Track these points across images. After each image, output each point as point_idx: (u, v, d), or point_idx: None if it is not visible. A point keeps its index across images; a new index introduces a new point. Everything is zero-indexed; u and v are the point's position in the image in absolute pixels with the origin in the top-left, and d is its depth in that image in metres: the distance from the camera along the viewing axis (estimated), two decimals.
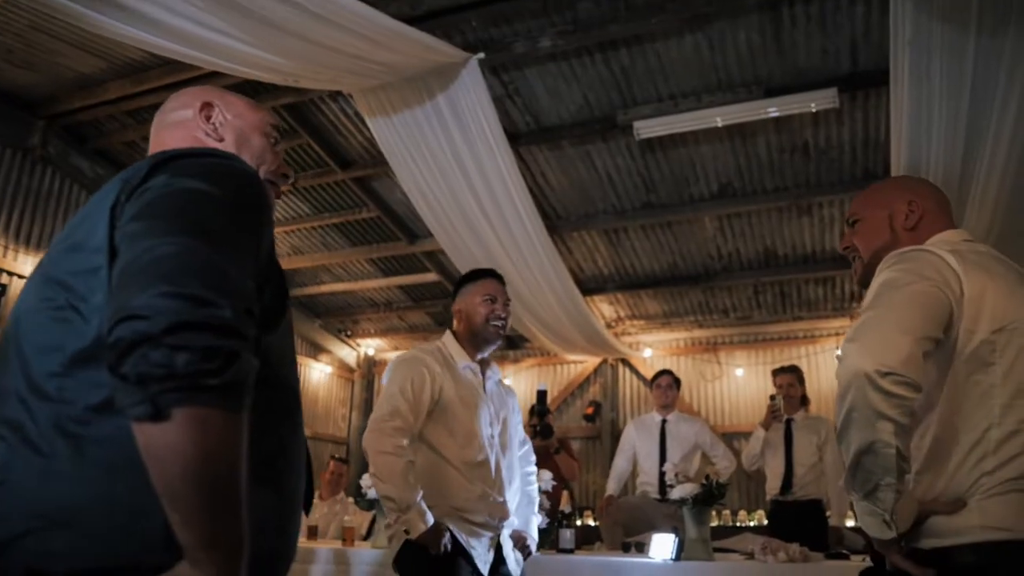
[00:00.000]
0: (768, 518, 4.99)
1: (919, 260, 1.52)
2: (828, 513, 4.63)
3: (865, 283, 1.70)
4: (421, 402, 2.47)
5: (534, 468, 2.89)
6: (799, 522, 4.41)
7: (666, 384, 5.00)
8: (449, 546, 2.36)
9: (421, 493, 2.35)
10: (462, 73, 4.39)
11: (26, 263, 5.57)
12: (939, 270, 1.48)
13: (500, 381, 2.77)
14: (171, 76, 4.95)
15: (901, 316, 1.42)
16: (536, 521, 2.81)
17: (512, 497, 2.62)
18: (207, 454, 0.78)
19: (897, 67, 3.97)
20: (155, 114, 1.40)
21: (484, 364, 2.69)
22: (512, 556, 2.58)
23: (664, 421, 4.94)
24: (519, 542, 2.65)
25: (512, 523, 2.63)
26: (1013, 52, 3.68)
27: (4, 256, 5.40)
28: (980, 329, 1.44)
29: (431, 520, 2.34)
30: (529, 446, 2.89)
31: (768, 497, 4.86)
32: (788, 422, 4.76)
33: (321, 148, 5.80)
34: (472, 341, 2.64)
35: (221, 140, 1.32)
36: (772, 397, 4.83)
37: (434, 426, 2.50)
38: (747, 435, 7.56)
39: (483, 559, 2.45)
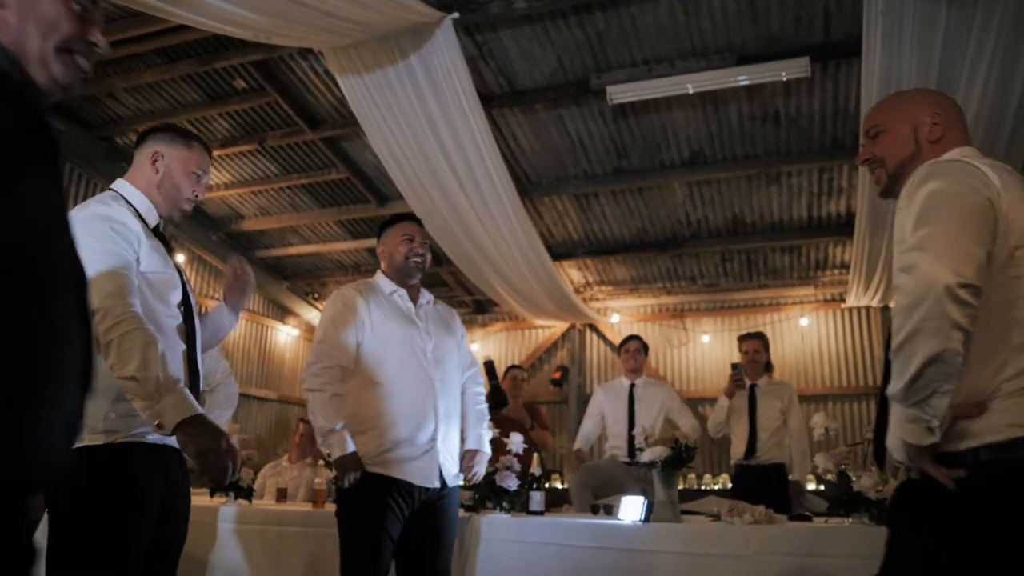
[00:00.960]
0: (732, 481, 5.11)
1: (964, 172, 1.56)
2: (791, 476, 4.76)
3: (889, 194, 1.77)
4: (347, 332, 2.74)
5: (482, 388, 3.13)
6: (763, 485, 4.52)
7: (634, 349, 5.05)
8: (354, 478, 2.58)
9: (343, 423, 2.62)
10: (436, 33, 4.32)
11: None
12: (984, 183, 1.53)
13: (435, 302, 3.01)
14: (135, 29, 4.81)
15: (967, 227, 1.46)
16: (488, 436, 3.03)
17: (452, 410, 2.83)
18: None
19: (870, 36, 3.99)
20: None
21: (414, 290, 2.94)
22: (452, 474, 2.79)
23: (632, 385, 5.00)
24: (467, 460, 2.92)
25: (453, 443, 2.85)
26: (983, 21, 3.74)
27: None
28: (1009, 243, 1.51)
29: (350, 447, 2.59)
30: (477, 369, 3.12)
31: (732, 461, 4.96)
32: (752, 388, 4.85)
33: (290, 107, 5.69)
34: (397, 277, 2.91)
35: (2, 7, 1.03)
36: (734, 366, 4.91)
37: (370, 351, 2.73)
38: (712, 401, 7.68)
39: (424, 477, 2.65)
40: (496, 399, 4.51)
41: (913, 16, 3.84)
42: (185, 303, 2.10)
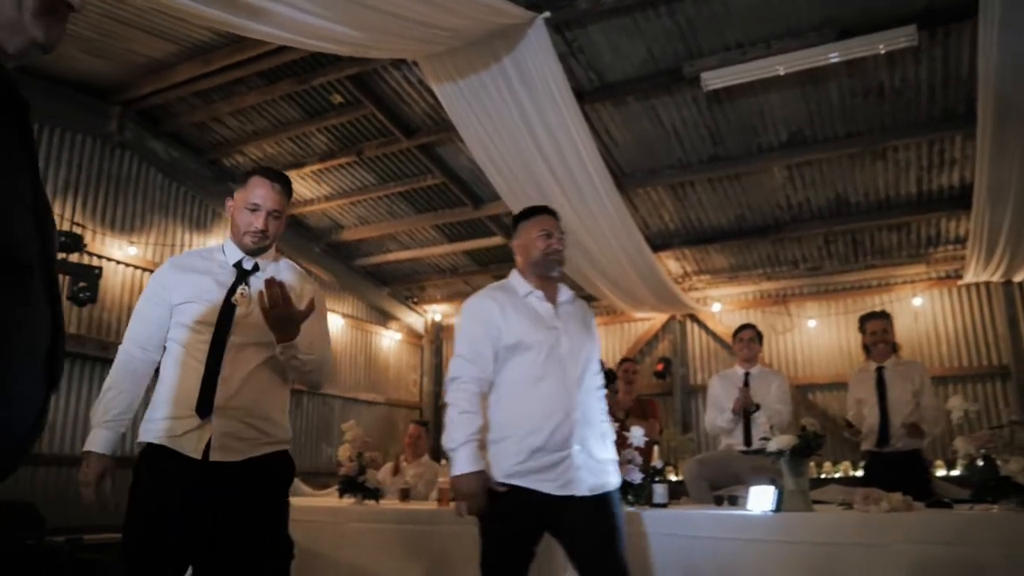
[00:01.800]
0: (865, 470, 4.83)
1: None
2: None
3: None
4: (483, 345, 2.59)
5: (604, 403, 2.83)
6: (899, 472, 4.20)
7: (748, 338, 4.94)
8: (469, 508, 2.47)
9: (467, 440, 2.46)
10: (528, 33, 4.36)
11: (112, 246, 5.78)
12: None
13: (574, 299, 2.81)
14: (238, 54, 5.04)
15: None
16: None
17: (590, 414, 2.60)
18: None
19: None
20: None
21: (551, 287, 2.76)
22: (591, 483, 2.50)
23: (747, 374, 4.90)
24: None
25: (593, 447, 2.58)
26: None
27: (93, 240, 5.60)
28: None
29: (467, 467, 2.44)
30: (602, 377, 2.83)
31: (863, 448, 4.74)
32: (879, 371, 4.61)
33: (385, 117, 5.84)
34: (534, 273, 2.74)
35: None
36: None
37: (507, 358, 2.59)
38: (821, 387, 7.50)
39: (560, 486, 2.45)
40: (606, 377, 4.52)
41: None
42: (213, 321, 2.33)
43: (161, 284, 2.41)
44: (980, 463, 2.87)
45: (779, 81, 5.11)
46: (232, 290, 2.38)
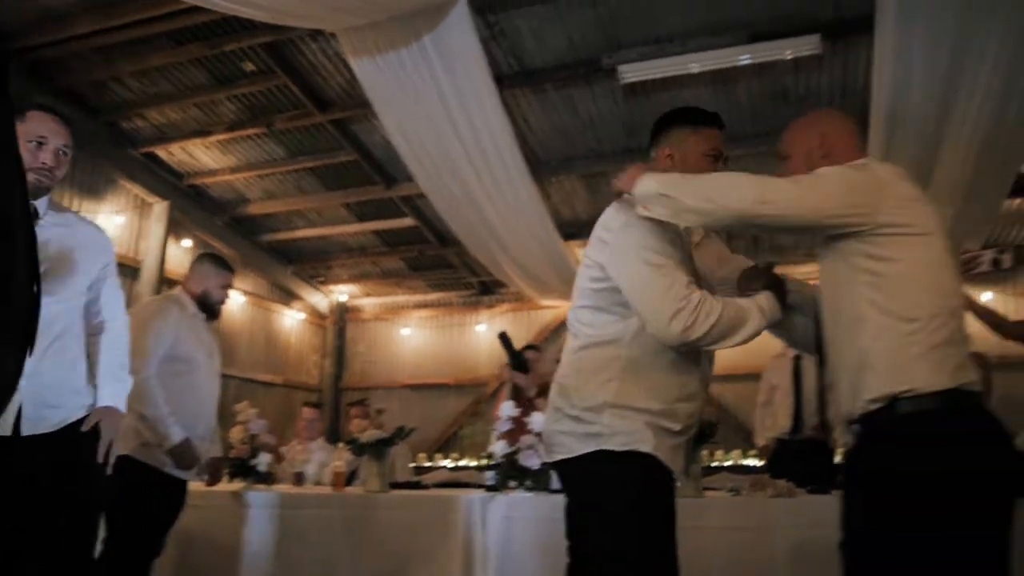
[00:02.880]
0: (772, 457, 4.80)
1: None
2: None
3: None
4: None
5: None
6: (806, 462, 4.17)
7: None
8: None
9: None
10: (450, 13, 4.32)
11: None
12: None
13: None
14: (146, 10, 4.77)
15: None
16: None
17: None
18: None
19: (884, 12, 4.00)
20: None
21: None
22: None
23: None
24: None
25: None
26: None
27: None
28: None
29: None
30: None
31: (769, 435, 4.75)
32: (796, 359, 4.63)
33: (299, 89, 5.67)
34: None
35: None
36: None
37: None
38: (716, 379, 7.73)
39: None
40: (518, 366, 4.55)
41: None
42: None
43: None
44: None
45: (693, 79, 5.24)
46: None
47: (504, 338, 4.60)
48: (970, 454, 1.60)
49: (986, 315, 3.33)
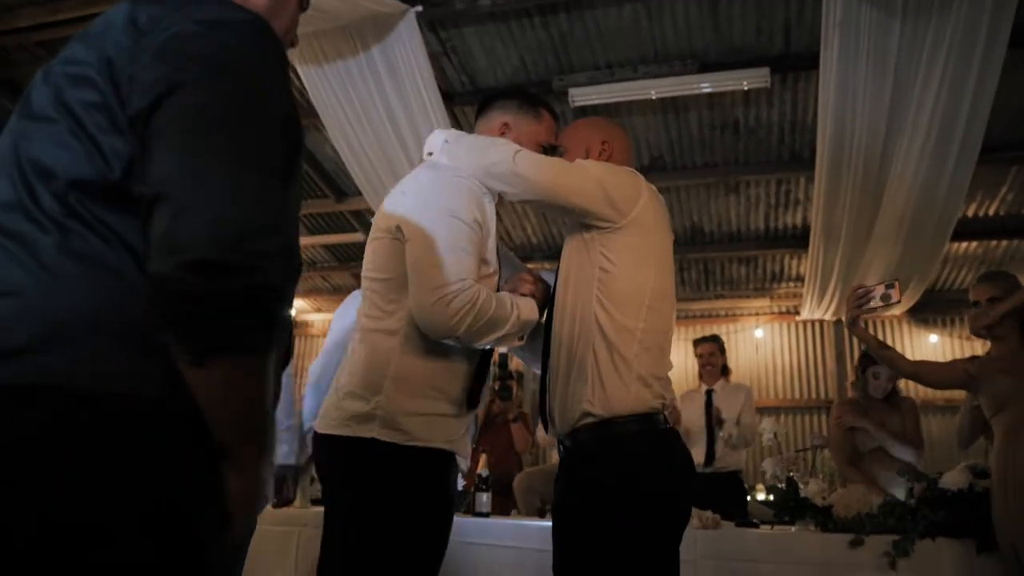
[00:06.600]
0: None
1: None
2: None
3: None
4: None
5: None
6: (719, 494, 4.10)
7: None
8: None
9: None
10: (399, 25, 4.27)
11: None
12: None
13: None
14: (90, 7, 4.65)
15: None
16: None
17: None
18: (244, 397, 0.88)
19: (827, 48, 4.05)
20: None
21: None
22: None
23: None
24: None
25: None
26: (935, 36, 3.82)
27: None
28: None
29: None
30: None
31: None
32: (709, 393, 4.76)
33: None
34: None
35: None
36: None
37: None
38: None
39: None
40: (503, 391, 4.52)
41: (869, 30, 3.91)
42: None
43: None
44: (782, 485, 3.00)
45: (643, 106, 5.25)
46: None
47: (503, 361, 4.52)
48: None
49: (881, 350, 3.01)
